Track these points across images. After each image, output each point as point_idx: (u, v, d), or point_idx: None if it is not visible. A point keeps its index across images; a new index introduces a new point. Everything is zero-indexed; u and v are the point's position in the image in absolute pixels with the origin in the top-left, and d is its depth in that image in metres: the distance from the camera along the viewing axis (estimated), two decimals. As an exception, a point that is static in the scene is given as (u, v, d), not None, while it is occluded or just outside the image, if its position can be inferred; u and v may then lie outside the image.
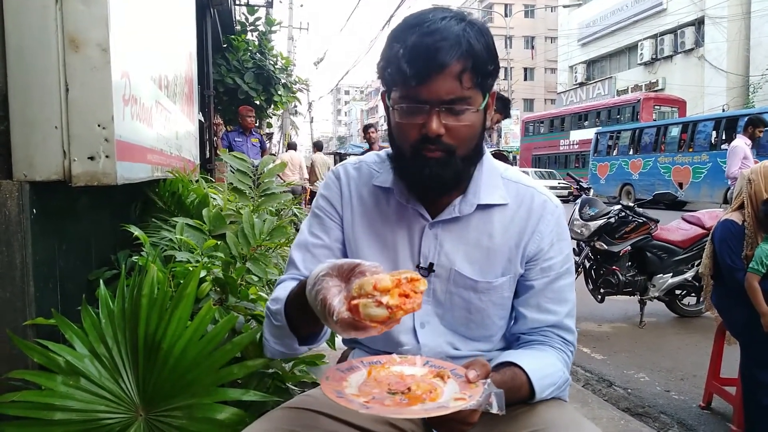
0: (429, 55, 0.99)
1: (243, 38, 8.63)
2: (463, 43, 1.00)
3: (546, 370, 1.09)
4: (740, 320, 2.57)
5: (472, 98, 1.03)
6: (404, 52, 1.00)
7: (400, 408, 0.83)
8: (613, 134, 20.83)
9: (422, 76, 1.00)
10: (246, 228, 2.01)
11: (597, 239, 4.57)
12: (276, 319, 1.07)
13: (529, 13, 44.17)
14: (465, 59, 1.00)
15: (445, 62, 0.99)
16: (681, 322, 4.77)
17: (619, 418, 2.70)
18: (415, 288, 0.85)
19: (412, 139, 1.05)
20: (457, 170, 1.07)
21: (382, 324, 0.83)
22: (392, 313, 0.82)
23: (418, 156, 1.05)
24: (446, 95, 1.01)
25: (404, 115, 1.05)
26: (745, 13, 25.04)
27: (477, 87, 1.03)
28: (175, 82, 2.89)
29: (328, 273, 0.89)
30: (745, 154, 6.62)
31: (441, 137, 1.03)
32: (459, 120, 1.03)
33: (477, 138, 1.09)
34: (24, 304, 1.36)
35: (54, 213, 1.54)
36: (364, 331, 0.84)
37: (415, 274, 0.87)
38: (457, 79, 1.00)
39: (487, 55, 1.04)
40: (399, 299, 0.83)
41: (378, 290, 0.83)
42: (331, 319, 0.84)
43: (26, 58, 1.37)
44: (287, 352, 1.11)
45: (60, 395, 1.23)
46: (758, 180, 2.50)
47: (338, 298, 0.85)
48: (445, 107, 1.02)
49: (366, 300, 0.82)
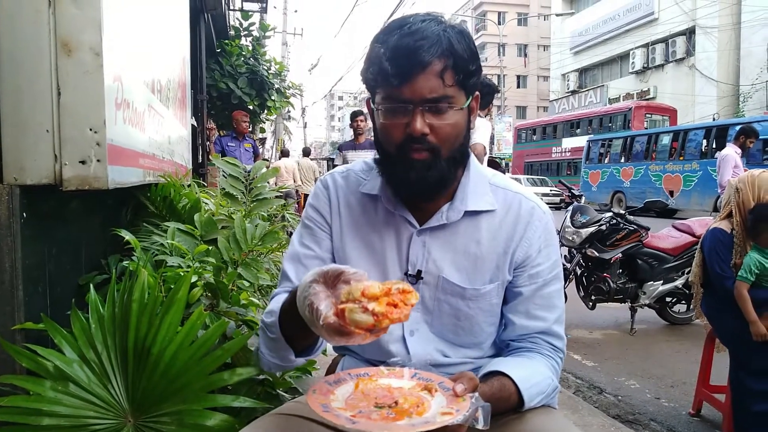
0: (410, 54, 1.00)
1: (237, 43, 8.64)
2: (444, 42, 1.02)
3: (534, 379, 1.09)
4: (729, 328, 2.59)
5: (455, 97, 1.04)
6: (385, 52, 1.02)
7: (386, 423, 0.82)
8: (604, 142, 20.97)
9: (404, 75, 1.01)
10: (238, 233, 2.00)
11: (588, 246, 4.59)
12: (271, 331, 1.06)
13: (522, 21, 44.40)
14: (446, 57, 1.02)
15: (426, 60, 1.00)
16: (671, 330, 4.79)
17: (609, 425, 2.71)
18: (405, 300, 0.85)
19: (396, 139, 1.06)
20: (442, 172, 1.07)
21: (368, 332, 0.83)
22: (378, 320, 0.81)
23: (404, 158, 1.06)
24: (429, 93, 1.02)
25: (388, 115, 1.06)
26: (735, 23, 25.31)
27: (459, 85, 1.05)
28: (168, 86, 2.89)
29: (315, 279, 0.89)
30: (736, 163, 6.69)
31: (426, 137, 1.03)
32: (442, 119, 1.04)
33: (462, 138, 1.10)
34: (13, 308, 1.35)
35: (44, 217, 1.53)
36: (350, 336, 0.84)
37: (408, 286, 0.87)
38: (439, 77, 1.02)
39: (468, 55, 1.05)
40: (386, 308, 0.82)
41: (366, 296, 0.83)
42: (318, 323, 0.84)
43: (19, 62, 1.36)
44: (283, 364, 1.10)
45: (48, 400, 1.22)
46: (746, 189, 2.52)
47: (325, 303, 0.85)
48: (429, 106, 1.03)
49: (353, 305, 0.82)
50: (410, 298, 0.86)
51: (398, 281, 0.88)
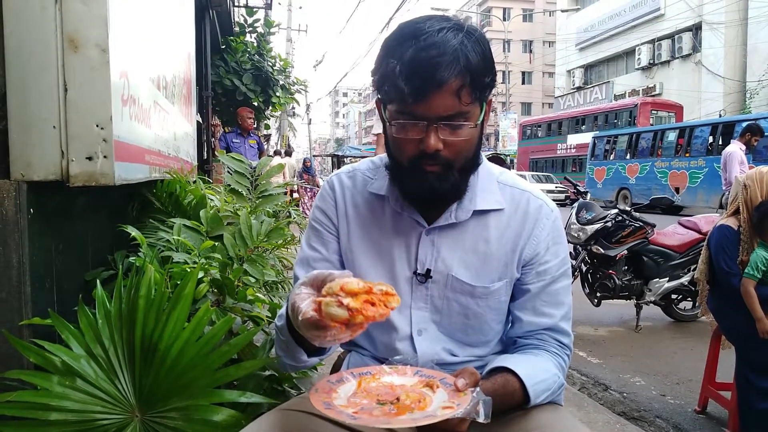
0: (426, 73, 0.96)
1: (242, 40, 8.63)
2: (461, 59, 0.97)
3: (540, 375, 1.09)
4: (736, 325, 2.58)
5: (470, 113, 1.03)
6: (401, 69, 0.98)
7: (388, 418, 0.83)
8: (610, 138, 20.88)
9: (420, 94, 0.98)
10: (243, 229, 2.01)
11: (594, 243, 4.58)
12: (282, 334, 1.09)
13: (527, 17, 44.22)
14: (463, 75, 0.98)
15: (443, 80, 0.97)
16: (677, 327, 4.77)
17: (614, 422, 2.70)
18: (386, 301, 0.86)
19: (409, 154, 1.05)
20: (455, 183, 1.07)
21: (344, 326, 0.83)
22: (352, 315, 0.82)
23: (417, 170, 1.05)
24: (444, 112, 1.00)
25: (401, 130, 1.04)
26: (742, 19, 25.14)
27: (475, 101, 1.03)
28: (174, 82, 2.89)
29: (304, 282, 0.93)
30: (742, 159, 6.67)
31: (439, 152, 1.02)
32: (457, 135, 1.03)
33: (474, 150, 1.09)
34: (20, 304, 1.36)
35: (51, 213, 1.54)
36: (325, 330, 0.85)
37: (391, 289, 0.88)
38: (456, 96, 0.99)
39: (485, 65, 1.02)
40: (362, 304, 0.83)
41: (344, 291, 0.84)
42: (298, 320, 0.87)
43: (25, 58, 1.37)
44: (297, 365, 1.12)
45: (56, 395, 1.23)
46: (754, 186, 2.51)
47: (306, 302, 0.88)
48: (443, 123, 1.01)
49: (329, 299, 0.84)
50: (391, 301, 0.86)
51: (382, 283, 0.88)
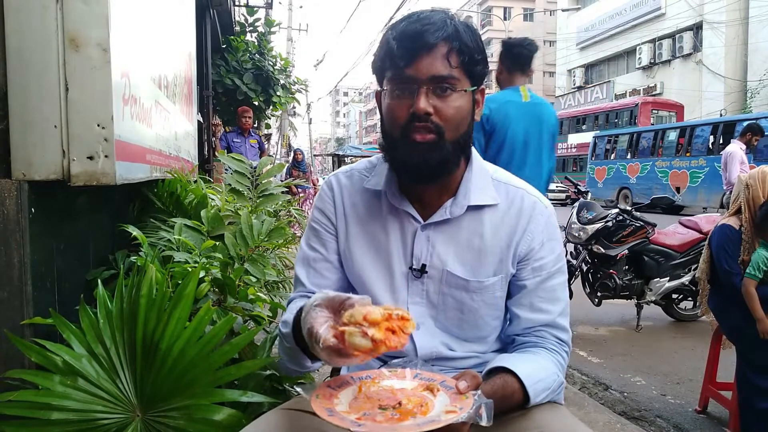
0: (416, 37, 1.05)
1: (242, 39, 8.62)
2: (449, 27, 1.07)
3: (540, 375, 1.09)
4: (736, 325, 2.58)
5: (459, 80, 1.08)
6: (394, 36, 1.07)
7: (392, 424, 0.84)
8: (611, 138, 20.87)
9: (410, 56, 1.05)
10: (244, 229, 2.01)
11: (594, 243, 4.58)
12: (287, 341, 1.10)
13: (528, 17, 44.20)
14: (451, 40, 1.06)
15: (431, 42, 1.05)
16: (677, 326, 4.77)
17: (615, 422, 2.70)
18: (403, 327, 0.89)
19: (401, 119, 1.08)
20: (445, 155, 1.09)
21: (365, 354, 0.86)
22: (375, 346, 0.85)
23: (407, 140, 1.07)
24: (434, 72, 1.05)
25: (394, 96, 1.09)
26: (743, 19, 25.13)
27: (464, 69, 1.08)
28: (175, 82, 2.89)
29: (319, 304, 0.93)
30: (742, 159, 6.67)
31: (429, 116, 1.05)
32: (446, 101, 1.07)
33: (466, 124, 1.12)
34: (21, 304, 1.35)
35: (52, 212, 1.54)
36: (348, 358, 0.88)
37: (406, 313, 0.90)
38: (445, 59, 1.06)
39: (474, 44, 1.09)
40: (385, 333, 0.86)
41: (367, 321, 0.86)
42: (318, 346, 0.88)
43: (26, 57, 1.37)
44: (300, 370, 1.15)
45: (57, 395, 1.23)
46: (756, 185, 2.51)
47: (324, 327, 0.89)
48: (433, 86, 1.06)
49: (353, 329, 0.86)
50: (408, 327, 0.89)
51: (399, 308, 0.91)
